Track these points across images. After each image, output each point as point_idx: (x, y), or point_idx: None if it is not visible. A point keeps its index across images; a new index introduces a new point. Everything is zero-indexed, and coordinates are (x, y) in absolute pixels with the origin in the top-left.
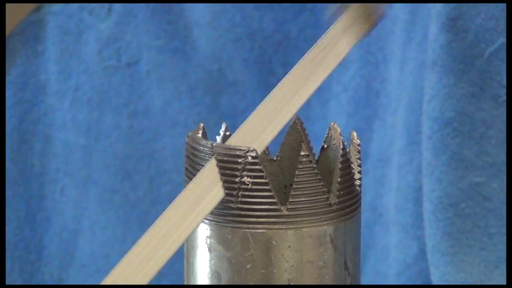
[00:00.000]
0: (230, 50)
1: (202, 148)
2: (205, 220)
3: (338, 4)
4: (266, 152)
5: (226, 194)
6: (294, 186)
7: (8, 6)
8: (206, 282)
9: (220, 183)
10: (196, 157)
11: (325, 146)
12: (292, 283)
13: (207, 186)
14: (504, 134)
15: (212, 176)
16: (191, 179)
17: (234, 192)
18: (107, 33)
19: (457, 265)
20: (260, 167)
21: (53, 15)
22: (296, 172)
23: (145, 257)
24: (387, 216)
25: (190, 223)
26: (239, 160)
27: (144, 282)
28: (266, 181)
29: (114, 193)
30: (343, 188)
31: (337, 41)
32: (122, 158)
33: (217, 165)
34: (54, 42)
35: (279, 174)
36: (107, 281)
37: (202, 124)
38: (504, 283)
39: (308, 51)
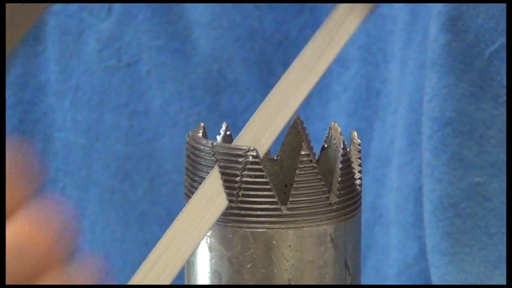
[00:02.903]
0: (230, 50)
1: (202, 147)
2: None
3: None
4: (267, 151)
5: (227, 194)
6: (294, 185)
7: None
8: (207, 281)
9: (224, 192)
10: (196, 157)
11: (326, 145)
12: (292, 283)
13: (211, 197)
14: (504, 134)
15: (215, 186)
16: (191, 178)
17: (235, 192)
18: (107, 33)
19: (457, 265)
20: (261, 167)
21: (53, 15)
22: (297, 172)
23: (153, 275)
24: (387, 216)
25: (195, 237)
26: (240, 160)
27: None
28: (267, 180)
29: (114, 193)
30: (344, 187)
31: (343, 21)
32: (122, 158)
33: (220, 172)
34: (54, 42)
35: (280, 174)
36: None
37: (202, 124)
38: (504, 283)
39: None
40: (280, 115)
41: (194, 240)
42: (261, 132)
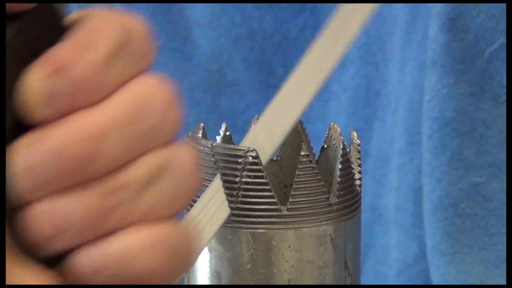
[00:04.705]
0: (230, 50)
1: (202, 148)
2: None
3: None
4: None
5: (227, 195)
6: (294, 186)
7: None
8: (206, 282)
9: (226, 201)
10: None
11: (325, 146)
12: (292, 283)
13: (214, 204)
14: (504, 134)
15: (218, 194)
16: None
17: (234, 192)
18: None
19: (457, 265)
20: (260, 167)
21: None
22: (296, 172)
23: None
24: (387, 216)
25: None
26: (239, 160)
27: None
28: (266, 181)
29: None
30: (343, 188)
31: (346, 22)
32: None
33: (221, 179)
34: None
35: (279, 174)
36: None
37: (202, 124)
38: (504, 283)
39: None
40: (286, 118)
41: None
42: (267, 135)
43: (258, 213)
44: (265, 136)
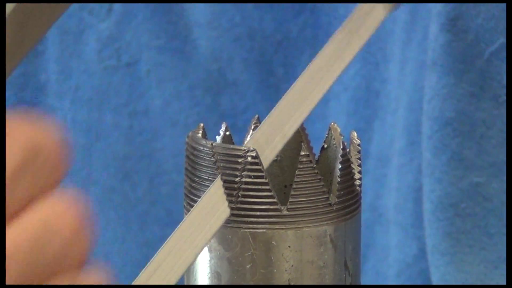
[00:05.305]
0: (230, 50)
1: (202, 148)
2: None
3: None
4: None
5: (227, 195)
6: (294, 186)
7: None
8: (206, 282)
9: (226, 203)
10: (196, 157)
11: (325, 146)
12: (292, 283)
13: (213, 207)
14: (504, 134)
15: (218, 196)
16: (190, 179)
17: (234, 192)
18: (107, 33)
19: (457, 265)
20: (260, 167)
21: None
22: (296, 172)
23: (153, 281)
24: (387, 216)
25: (196, 247)
26: (239, 160)
27: None
28: (266, 181)
29: (114, 193)
30: (343, 188)
31: (362, 21)
32: (122, 158)
33: (221, 179)
34: (54, 42)
35: (279, 174)
36: None
37: (202, 124)
38: (504, 283)
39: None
40: (292, 119)
41: (195, 249)
42: (272, 135)
43: (258, 213)
44: (267, 139)
